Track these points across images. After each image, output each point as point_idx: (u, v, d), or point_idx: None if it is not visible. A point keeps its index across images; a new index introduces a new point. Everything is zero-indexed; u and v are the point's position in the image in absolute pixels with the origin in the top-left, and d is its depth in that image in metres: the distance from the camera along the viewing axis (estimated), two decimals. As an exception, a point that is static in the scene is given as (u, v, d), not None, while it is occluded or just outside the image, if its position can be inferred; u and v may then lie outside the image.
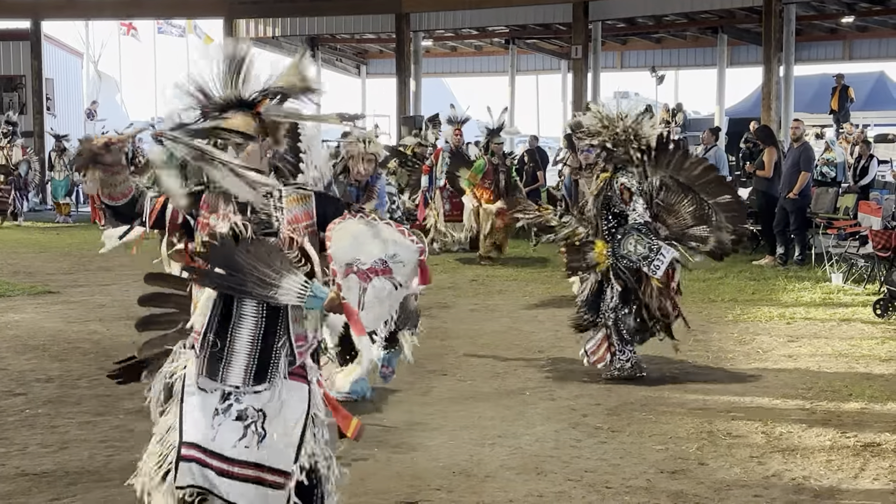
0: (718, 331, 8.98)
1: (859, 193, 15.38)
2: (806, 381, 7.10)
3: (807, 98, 25.43)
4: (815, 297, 10.66)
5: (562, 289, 10.18)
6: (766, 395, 6.71)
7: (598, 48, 23.51)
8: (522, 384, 7.04)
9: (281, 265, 3.36)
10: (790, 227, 13.16)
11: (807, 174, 13.06)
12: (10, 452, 5.44)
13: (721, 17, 24.19)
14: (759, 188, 14.11)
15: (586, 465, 5.28)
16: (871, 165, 16.70)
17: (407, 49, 23.70)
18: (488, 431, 5.88)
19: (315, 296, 3.36)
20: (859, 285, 11.14)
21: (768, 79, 18.35)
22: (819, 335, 8.76)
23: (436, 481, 5.02)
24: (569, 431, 5.89)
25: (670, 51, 29.45)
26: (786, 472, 5.15)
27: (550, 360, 7.77)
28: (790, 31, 20.10)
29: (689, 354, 7.96)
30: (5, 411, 6.19)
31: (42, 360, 7.46)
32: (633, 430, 5.88)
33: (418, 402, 6.50)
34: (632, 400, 6.59)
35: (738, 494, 4.83)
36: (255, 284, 3.34)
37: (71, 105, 28.12)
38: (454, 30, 26.65)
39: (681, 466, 5.24)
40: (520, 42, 28.11)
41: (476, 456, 5.43)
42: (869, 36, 26.32)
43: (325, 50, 30.29)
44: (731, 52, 26.81)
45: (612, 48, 28.90)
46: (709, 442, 5.66)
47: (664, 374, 7.31)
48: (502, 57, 30.02)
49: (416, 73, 24.45)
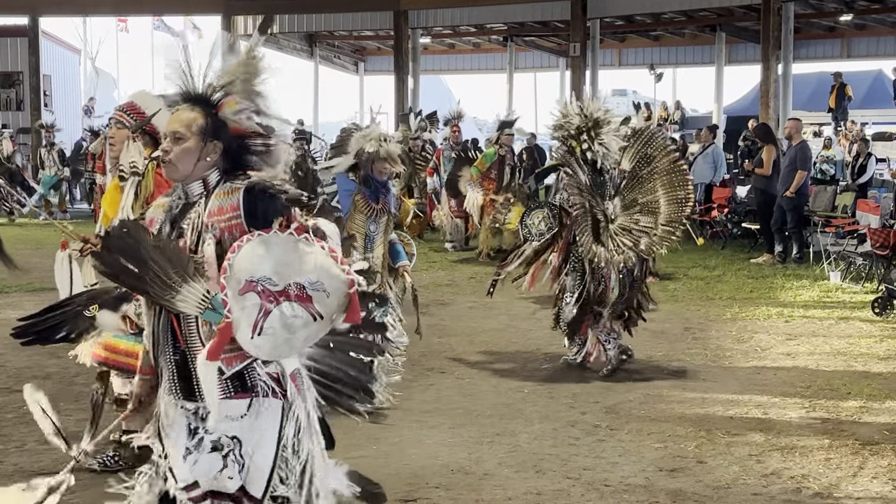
0: (717, 329, 8.98)
1: (857, 192, 15.40)
2: (804, 379, 7.10)
3: (805, 96, 25.47)
4: (814, 296, 10.66)
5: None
6: (765, 394, 6.71)
7: (597, 46, 23.50)
8: (521, 382, 7.04)
9: (186, 269, 3.07)
10: (788, 226, 13.16)
11: (803, 173, 13.06)
12: (7, 449, 5.45)
13: (719, 15, 24.18)
14: (757, 186, 14.11)
15: (585, 463, 5.27)
16: (870, 164, 16.73)
17: (405, 46, 23.68)
18: (487, 429, 5.88)
19: (215, 309, 3.04)
20: (857, 283, 11.15)
21: (766, 77, 18.34)
22: (817, 333, 8.77)
23: (434, 479, 5.02)
24: (567, 429, 5.88)
25: (668, 48, 29.46)
26: (784, 470, 5.15)
27: (549, 357, 7.77)
28: (788, 29, 20.09)
29: (688, 353, 7.97)
30: (3, 408, 6.18)
31: (40, 356, 7.44)
32: (632, 429, 5.88)
33: (416, 400, 6.50)
34: (630, 398, 6.59)
35: (737, 493, 4.83)
36: (154, 283, 3.06)
37: (68, 101, 28.10)
38: (452, 27, 26.64)
39: (679, 465, 5.24)
40: (518, 39, 28.09)
41: (474, 454, 5.42)
42: (867, 34, 26.33)
43: (323, 47, 30.28)
44: (729, 49, 26.80)
45: (611, 46, 28.90)
46: (707, 440, 5.65)
47: (663, 373, 7.31)
48: (500, 54, 30.01)
49: (414, 71, 24.44)
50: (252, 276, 3.00)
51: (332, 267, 3.05)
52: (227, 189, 3.19)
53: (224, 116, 3.22)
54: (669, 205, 7.22)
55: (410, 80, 23.92)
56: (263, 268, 3.01)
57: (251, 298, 3.00)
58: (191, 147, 3.20)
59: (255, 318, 3.00)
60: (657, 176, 7.31)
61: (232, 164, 3.26)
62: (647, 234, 7.11)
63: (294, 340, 3.07)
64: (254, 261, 3.02)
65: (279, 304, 3.01)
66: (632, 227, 7.14)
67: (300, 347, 3.14)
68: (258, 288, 3.00)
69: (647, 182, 7.31)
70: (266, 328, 3.01)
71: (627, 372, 7.32)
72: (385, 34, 26.65)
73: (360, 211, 6.49)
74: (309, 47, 29.31)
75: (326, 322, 3.07)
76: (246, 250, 3.02)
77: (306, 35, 28.39)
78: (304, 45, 29.14)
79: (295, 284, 3.01)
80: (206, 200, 3.21)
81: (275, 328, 3.02)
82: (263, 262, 3.01)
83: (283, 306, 3.01)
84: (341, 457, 5.13)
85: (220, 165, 3.25)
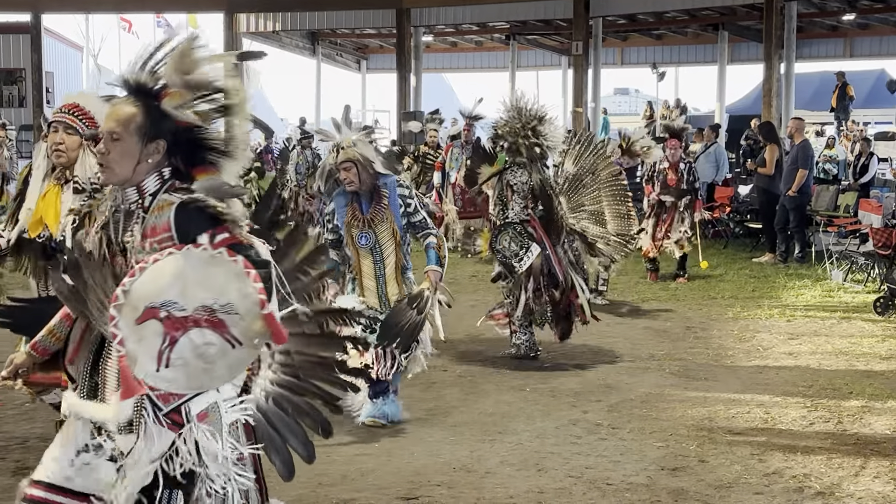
0: (718, 328, 8.97)
1: (860, 191, 15.39)
2: (806, 378, 7.10)
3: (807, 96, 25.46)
4: (816, 295, 10.66)
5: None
6: (767, 393, 6.70)
7: (599, 44, 23.49)
8: (523, 380, 7.04)
9: None
10: (790, 225, 13.16)
11: (804, 172, 13.05)
12: (9, 446, 5.45)
13: (722, 14, 24.18)
14: (760, 185, 14.10)
15: (587, 461, 5.27)
16: (872, 163, 16.73)
17: (407, 44, 23.68)
18: (489, 427, 5.88)
19: None
20: (859, 283, 11.14)
21: (769, 76, 18.32)
22: (819, 333, 8.76)
23: (436, 477, 5.01)
24: (569, 428, 5.88)
25: (671, 47, 29.45)
26: (786, 469, 5.15)
27: (551, 356, 7.77)
28: (791, 29, 20.08)
29: (690, 352, 7.97)
30: (5, 405, 6.18)
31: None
32: (634, 427, 5.88)
33: (418, 398, 6.49)
34: (632, 397, 6.59)
35: (739, 492, 4.83)
36: (94, 307, 2.89)
37: (70, 98, 28.08)
38: (454, 25, 26.63)
39: (681, 464, 5.23)
40: (520, 38, 28.09)
41: (476, 452, 5.42)
42: (870, 34, 26.34)
43: (326, 45, 30.29)
44: (731, 48, 26.79)
45: (613, 44, 28.91)
46: (709, 439, 5.65)
47: (664, 372, 7.31)
48: (503, 53, 30.00)
49: (417, 69, 24.43)
50: (154, 302, 2.72)
51: (245, 286, 2.74)
52: (162, 203, 2.92)
53: (166, 108, 2.91)
54: (616, 219, 7.83)
55: (413, 79, 23.91)
56: (170, 291, 2.73)
57: (152, 327, 2.72)
58: (128, 148, 2.92)
59: (159, 348, 2.72)
60: (601, 186, 7.87)
61: (185, 161, 2.98)
62: (604, 240, 7.69)
63: (215, 370, 2.78)
64: (160, 283, 2.74)
65: (187, 331, 2.73)
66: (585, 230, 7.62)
67: (226, 377, 2.84)
68: (161, 314, 2.72)
69: (591, 189, 7.82)
70: (174, 359, 2.73)
71: (629, 371, 7.32)
72: (387, 32, 26.64)
73: (350, 225, 5.82)
74: (311, 45, 29.32)
75: (249, 348, 2.79)
76: (151, 272, 2.75)
77: (308, 33, 28.39)
78: (306, 42, 29.16)
79: (203, 308, 2.72)
80: (143, 215, 2.95)
81: (185, 358, 2.74)
82: (171, 285, 2.73)
83: (192, 333, 2.73)
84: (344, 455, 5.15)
85: (162, 168, 2.97)
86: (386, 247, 5.81)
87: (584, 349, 8.05)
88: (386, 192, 5.80)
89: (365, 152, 5.73)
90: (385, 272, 5.84)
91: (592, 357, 7.78)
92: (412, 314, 5.69)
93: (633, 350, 8.00)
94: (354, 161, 5.70)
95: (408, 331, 5.69)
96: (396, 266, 5.85)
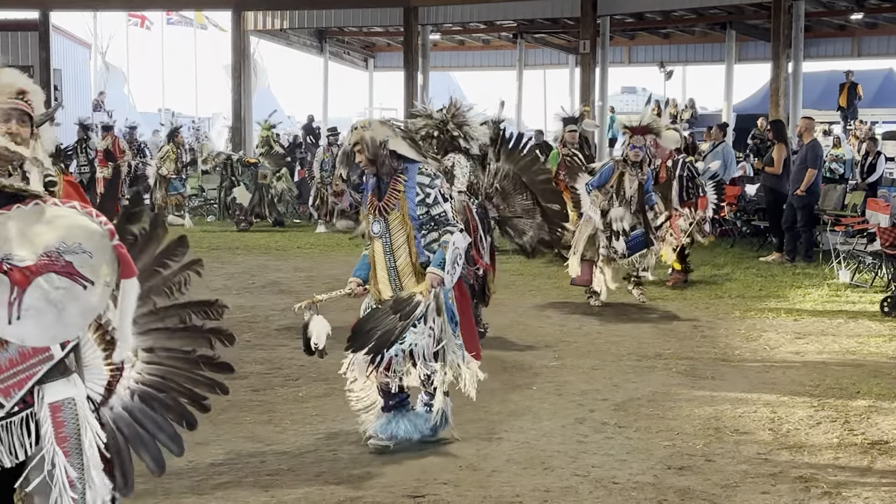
0: (725, 327, 8.97)
1: (867, 191, 15.35)
2: (813, 378, 7.09)
3: (815, 95, 25.38)
4: (823, 295, 10.64)
5: (567, 283, 10.18)
6: (774, 392, 6.70)
7: (606, 43, 23.44)
8: (529, 379, 7.04)
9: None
10: (797, 224, 13.13)
11: (814, 171, 13.02)
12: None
13: (730, 13, 24.13)
14: (767, 185, 14.09)
15: (593, 460, 5.27)
16: (879, 163, 16.71)
17: (415, 43, 23.67)
18: (495, 426, 5.88)
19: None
20: (867, 283, 11.12)
21: (777, 75, 18.29)
22: (826, 332, 8.75)
23: (443, 475, 5.02)
24: (575, 427, 5.88)
25: (678, 46, 29.38)
26: (793, 468, 5.14)
27: (557, 354, 7.77)
28: (799, 28, 20.02)
29: (697, 351, 7.96)
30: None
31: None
32: (640, 426, 5.88)
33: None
34: (638, 395, 6.59)
35: (746, 491, 4.82)
36: None
37: (78, 96, 28.14)
38: (462, 24, 26.60)
39: (688, 463, 5.23)
40: (528, 36, 28.06)
41: (483, 450, 5.43)
42: (878, 33, 26.24)
43: (333, 43, 30.27)
44: (739, 47, 26.73)
45: (620, 43, 28.83)
46: (716, 438, 5.65)
47: (671, 371, 7.31)
48: (510, 51, 29.95)
49: (424, 67, 24.43)
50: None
51: (87, 223, 2.73)
52: None
53: None
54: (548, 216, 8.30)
55: (420, 77, 23.91)
56: (4, 246, 2.68)
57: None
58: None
59: (7, 300, 2.67)
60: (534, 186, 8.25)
61: None
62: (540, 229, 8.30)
63: (67, 316, 2.73)
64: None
65: (33, 279, 2.67)
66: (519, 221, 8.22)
67: (80, 324, 2.81)
68: (3, 267, 2.66)
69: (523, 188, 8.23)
70: (25, 310, 2.68)
71: (636, 370, 7.32)
72: (395, 30, 26.63)
73: (368, 211, 5.48)
74: (319, 43, 29.31)
75: (101, 287, 2.75)
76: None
77: (316, 31, 28.38)
78: (313, 40, 29.15)
79: (46, 253, 2.68)
80: None
81: (36, 307, 2.69)
82: (6, 239, 2.69)
83: (39, 280, 2.68)
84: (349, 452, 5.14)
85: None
86: (396, 237, 5.33)
87: (591, 348, 8.05)
88: (404, 177, 5.34)
89: (377, 134, 5.32)
90: (396, 264, 5.34)
91: (599, 356, 7.78)
92: (393, 319, 5.16)
93: (640, 349, 8.00)
94: (361, 142, 5.32)
95: (382, 338, 5.15)
96: (411, 259, 5.34)
